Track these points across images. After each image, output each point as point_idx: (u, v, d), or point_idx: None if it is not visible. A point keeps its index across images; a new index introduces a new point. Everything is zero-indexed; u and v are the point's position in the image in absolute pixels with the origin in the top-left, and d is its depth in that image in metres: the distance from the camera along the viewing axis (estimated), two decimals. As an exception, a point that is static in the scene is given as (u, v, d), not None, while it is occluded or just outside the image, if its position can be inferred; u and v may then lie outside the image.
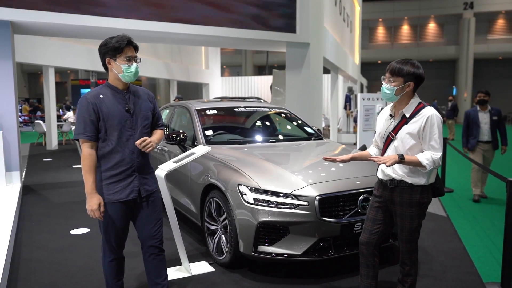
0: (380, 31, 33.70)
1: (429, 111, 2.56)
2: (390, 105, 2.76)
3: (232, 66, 34.81)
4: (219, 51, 21.47)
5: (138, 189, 2.60)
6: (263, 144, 4.56)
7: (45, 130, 12.96)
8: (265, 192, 3.31)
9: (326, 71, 14.50)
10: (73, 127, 10.43)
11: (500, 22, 30.90)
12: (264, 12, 8.30)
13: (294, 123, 5.38)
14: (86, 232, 4.67)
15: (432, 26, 32.53)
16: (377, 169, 2.83)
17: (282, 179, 3.42)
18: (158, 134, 2.76)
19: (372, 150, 2.91)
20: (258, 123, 5.32)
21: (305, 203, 3.23)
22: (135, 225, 2.71)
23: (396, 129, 2.63)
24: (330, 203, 3.27)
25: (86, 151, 2.47)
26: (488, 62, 30.71)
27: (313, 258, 3.26)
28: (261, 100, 14.29)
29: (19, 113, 23.36)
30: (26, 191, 6.74)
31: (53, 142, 12.66)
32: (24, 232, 4.66)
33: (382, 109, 3.08)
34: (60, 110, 22.34)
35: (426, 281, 3.39)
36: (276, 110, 5.44)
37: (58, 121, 14.79)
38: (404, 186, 2.62)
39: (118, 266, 2.72)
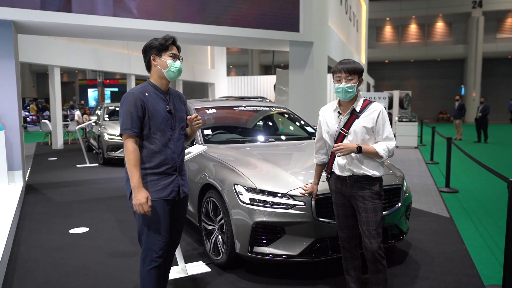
0: (388, 30, 33.46)
1: (378, 106, 2.74)
2: (329, 105, 2.90)
3: (239, 65, 34.81)
4: (225, 51, 21.46)
5: (178, 189, 2.58)
6: (262, 144, 4.53)
7: (51, 129, 13.04)
8: (261, 192, 3.27)
9: (331, 70, 14.41)
10: (78, 127, 10.48)
11: (510, 21, 30.52)
12: (267, 11, 8.26)
13: (295, 122, 5.33)
14: (85, 231, 4.67)
15: (440, 25, 32.23)
16: (332, 165, 2.87)
17: (278, 179, 3.39)
18: None
19: (318, 159, 3.01)
20: (258, 122, 5.28)
21: (302, 203, 3.18)
22: None
23: (348, 125, 2.74)
24: (327, 203, 3.22)
25: (131, 145, 2.43)
26: (497, 62, 30.35)
27: (310, 259, 3.21)
28: (266, 100, 14.24)
29: (27, 113, 23.64)
30: (29, 190, 6.76)
31: (58, 142, 12.74)
32: (24, 231, 4.67)
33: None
34: (68, 110, 22.52)
35: (425, 283, 3.33)
36: (276, 109, 5.40)
37: (64, 121, 14.88)
38: (364, 181, 2.72)
39: (159, 276, 2.54)
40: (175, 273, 3.49)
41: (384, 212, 3.41)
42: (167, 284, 3.26)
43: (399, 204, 3.56)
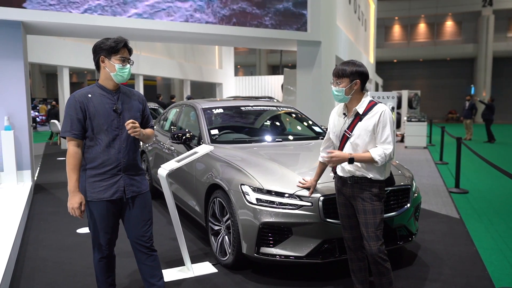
0: (396, 30, 33.24)
1: (381, 108, 2.68)
2: (340, 105, 2.87)
3: (246, 65, 34.80)
4: (233, 51, 21.49)
5: (124, 189, 2.58)
6: (269, 144, 4.50)
7: (60, 129, 13.14)
8: (268, 192, 3.25)
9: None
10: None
11: (521, 20, 30.14)
12: (275, 11, 8.23)
13: (302, 122, 5.29)
14: (92, 231, 4.67)
15: (449, 24, 31.94)
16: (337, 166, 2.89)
17: (285, 179, 3.36)
18: (147, 130, 2.70)
19: (322, 158, 3.04)
20: (265, 122, 5.25)
21: (309, 203, 3.15)
22: (124, 225, 2.70)
23: (351, 127, 2.72)
24: (334, 204, 3.18)
25: (72, 149, 2.48)
26: (507, 61, 29.98)
27: (318, 260, 3.18)
28: (274, 100, 14.21)
29: (37, 113, 23.84)
30: (38, 189, 6.80)
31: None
32: (32, 231, 4.69)
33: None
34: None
35: (434, 285, 3.28)
36: (284, 109, 5.37)
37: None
38: (364, 182, 2.69)
39: (107, 265, 2.72)
40: (181, 273, 3.49)
41: (393, 213, 3.38)
42: (173, 284, 3.27)
43: (408, 205, 3.51)
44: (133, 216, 2.64)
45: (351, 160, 2.62)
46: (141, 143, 2.78)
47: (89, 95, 2.52)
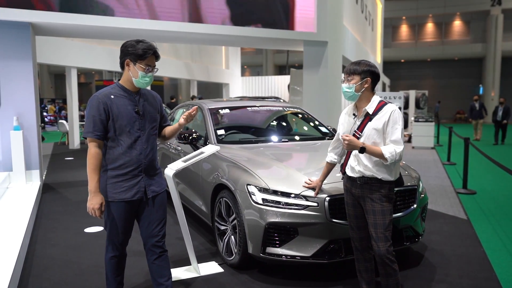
0: (404, 29, 33.07)
1: (391, 107, 2.68)
2: (350, 106, 2.87)
3: (253, 66, 34.81)
4: (239, 51, 21.48)
5: (144, 190, 2.61)
6: (275, 144, 4.50)
7: (68, 129, 13.24)
8: (274, 192, 3.25)
9: (346, 70, 14.28)
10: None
11: (530, 19, 29.82)
12: (281, 11, 8.23)
13: (309, 122, 5.29)
14: (100, 230, 4.71)
15: (457, 24, 31.71)
16: (341, 166, 2.91)
17: (291, 180, 3.36)
18: (169, 128, 2.87)
19: (329, 158, 3.06)
20: (271, 122, 5.25)
21: (315, 204, 3.16)
22: (138, 223, 2.72)
23: (361, 127, 2.72)
24: (340, 204, 3.18)
25: (93, 150, 2.49)
26: (516, 60, 29.70)
27: (324, 261, 3.18)
28: (280, 100, 14.20)
29: (46, 113, 24.04)
30: (46, 189, 6.87)
31: (75, 142, 12.91)
32: (40, 230, 4.74)
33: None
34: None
35: (442, 286, 3.26)
36: (290, 109, 5.37)
37: (81, 121, 15.08)
38: (374, 183, 2.69)
39: (118, 264, 2.74)
40: (187, 272, 3.50)
41: (399, 214, 3.37)
42: (179, 284, 3.29)
43: (415, 206, 3.50)
44: (149, 215, 2.67)
45: (362, 150, 2.61)
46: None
47: (112, 96, 2.53)
